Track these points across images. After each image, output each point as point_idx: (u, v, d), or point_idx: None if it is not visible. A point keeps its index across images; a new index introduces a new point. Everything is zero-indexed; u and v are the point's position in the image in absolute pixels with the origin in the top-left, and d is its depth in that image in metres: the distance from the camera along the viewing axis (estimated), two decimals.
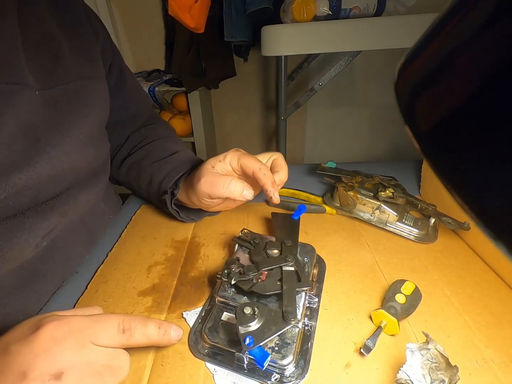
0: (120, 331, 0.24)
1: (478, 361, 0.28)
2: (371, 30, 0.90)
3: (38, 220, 0.34)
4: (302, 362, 0.29)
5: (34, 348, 0.22)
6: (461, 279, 0.37)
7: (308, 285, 0.31)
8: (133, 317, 0.26)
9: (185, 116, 1.56)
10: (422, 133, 0.12)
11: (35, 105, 0.32)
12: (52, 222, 0.36)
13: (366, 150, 1.80)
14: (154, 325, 0.26)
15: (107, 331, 0.24)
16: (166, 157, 0.49)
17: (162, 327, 0.26)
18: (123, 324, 0.25)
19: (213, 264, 0.41)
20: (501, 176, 0.09)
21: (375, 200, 0.45)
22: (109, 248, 0.45)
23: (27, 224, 0.33)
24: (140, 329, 0.25)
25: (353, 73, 1.59)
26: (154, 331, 0.26)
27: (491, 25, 0.09)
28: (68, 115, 0.37)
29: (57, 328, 0.23)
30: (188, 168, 0.46)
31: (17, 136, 0.31)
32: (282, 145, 1.23)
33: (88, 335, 0.23)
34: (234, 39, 1.25)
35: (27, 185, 0.32)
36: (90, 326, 0.24)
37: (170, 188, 0.45)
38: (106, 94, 0.44)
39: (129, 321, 0.25)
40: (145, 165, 0.50)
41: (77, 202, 0.40)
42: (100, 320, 0.25)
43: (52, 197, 0.36)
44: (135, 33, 1.59)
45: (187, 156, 0.49)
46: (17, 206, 0.32)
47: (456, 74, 0.10)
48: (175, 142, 0.55)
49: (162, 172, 0.47)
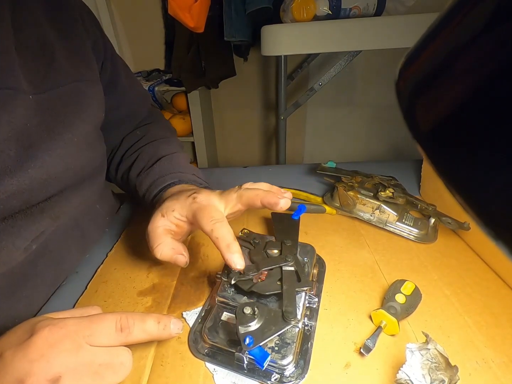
0: (118, 330, 0.24)
1: (478, 361, 0.28)
2: (371, 30, 0.90)
3: (27, 223, 0.33)
4: (302, 362, 0.29)
5: (30, 354, 0.21)
6: (461, 279, 0.37)
7: (308, 285, 0.31)
8: (131, 314, 0.25)
9: (184, 116, 1.56)
10: (423, 133, 0.12)
11: (29, 110, 0.32)
12: (41, 225, 0.35)
13: (366, 150, 1.80)
14: (153, 320, 0.26)
15: (104, 331, 0.24)
16: (148, 168, 0.46)
17: (161, 321, 0.26)
18: (120, 322, 0.24)
19: (213, 264, 0.41)
20: (502, 176, 0.09)
21: (375, 200, 0.45)
22: (109, 248, 0.45)
23: (15, 227, 0.32)
24: (139, 325, 0.25)
25: (353, 73, 1.59)
26: (153, 326, 0.25)
27: (492, 23, 0.09)
28: (63, 119, 0.36)
29: (52, 332, 0.22)
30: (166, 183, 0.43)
31: (10, 142, 0.30)
32: (282, 145, 1.23)
33: (85, 336, 0.23)
34: (234, 38, 1.25)
35: (19, 190, 0.31)
36: (86, 327, 0.24)
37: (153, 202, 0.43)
38: (101, 95, 0.43)
39: (127, 319, 0.25)
40: (132, 177, 0.48)
41: (70, 204, 0.39)
42: (96, 320, 0.24)
43: (43, 200, 0.35)
44: (135, 33, 1.58)
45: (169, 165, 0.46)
46: (8, 210, 0.31)
47: (458, 73, 0.10)
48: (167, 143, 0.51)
49: (143, 186, 0.45)
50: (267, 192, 0.33)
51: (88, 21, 0.43)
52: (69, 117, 0.37)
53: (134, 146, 0.51)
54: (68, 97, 0.37)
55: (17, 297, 0.34)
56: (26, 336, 0.22)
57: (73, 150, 0.37)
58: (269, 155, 1.92)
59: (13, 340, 0.22)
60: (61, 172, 0.36)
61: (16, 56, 0.31)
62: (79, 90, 0.39)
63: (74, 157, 0.38)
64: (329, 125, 1.76)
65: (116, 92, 0.50)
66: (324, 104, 1.68)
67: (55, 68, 0.36)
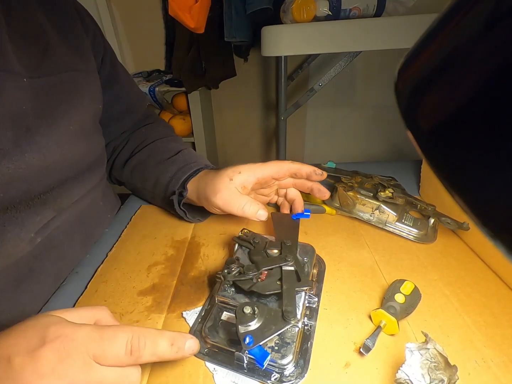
0: (127, 353, 0.22)
1: (477, 361, 0.28)
2: (371, 30, 0.90)
3: (30, 214, 0.34)
4: (301, 361, 0.29)
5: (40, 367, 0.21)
6: (461, 279, 0.37)
7: (307, 284, 0.31)
8: (143, 333, 0.23)
9: (185, 116, 1.56)
10: (422, 133, 0.12)
11: (24, 93, 0.32)
12: (44, 217, 0.36)
13: (365, 150, 1.80)
14: (166, 342, 0.24)
15: (114, 352, 0.22)
16: (170, 157, 0.49)
17: (175, 343, 0.24)
18: (131, 343, 0.23)
19: (213, 264, 0.41)
20: (500, 176, 0.09)
21: (374, 200, 0.45)
22: (109, 248, 0.45)
23: (18, 218, 0.32)
24: (150, 349, 0.23)
25: (353, 73, 1.59)
26: (166, 349, 0.23)
27: (492, 24, 0.09)
28: (58, 106, 0.36)
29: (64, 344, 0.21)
30: (194, 169, 0.46)
31: (6, 124, 0.30)
32: (282, 145, 1.23)
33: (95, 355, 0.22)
34: (234, 39, 1.25)
35: (16, 175, 0.31)
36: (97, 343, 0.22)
37: (178, 189, 0.45)
38: (98, 87, 0.44)
39: (138, 339, 0.23)
40: (150, 166, 0.50)
41: (71, 196, 0.40)
42: (107, 337, 0.23)
43: (44, 191, 0.36)
44: (135, 33, 1.58)
45: (191, 156, 0.50)
46: (8, 199, 0.32)
47: (456, 74, 0.10)
48: (176, 141, 0.55)
49: (167, 173, 0.47)
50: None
51: (86, 18, 0.45)
52: (65, 104, 0.37)
53: (144, 142, 0.53)
54: (64, 85, 0.37)
55: (22, 290, 0.35)
56: (37, 342, 0.21)
57: (69, 138, 0.38)
58: (269, 155, 1.92)
59: (23, 344, 0.22)
60: (59, 161, 0.37)
61: (8, 40, 0.31)
62: (75, 79, 0.39)
63: (71, 146, 0.38)
64: (329, 125, 1.76)
65: (116, 87, 0.51)
66: (324, 104, 1.68)
67: (50, 56, 0.36)
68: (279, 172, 0.41)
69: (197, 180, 0.44)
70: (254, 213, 0.38)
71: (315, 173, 0.41)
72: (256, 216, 0.38)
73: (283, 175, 0.42)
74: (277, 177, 0.41)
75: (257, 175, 0.40)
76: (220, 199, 0.39)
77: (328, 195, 0.43)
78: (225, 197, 0.39)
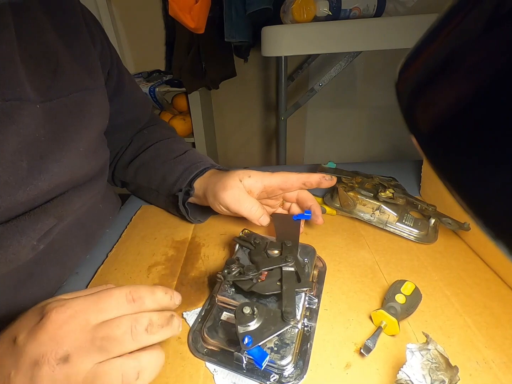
0: (129, 301, 0.24)
1: (478, 362, 0.28)
2: (371, 30, 0.90)
3: (31, 222, 0.34)
4: (301, 362, 0.29)
5: (39, 337, 0.22)
6: (461, 280, 0.37)
7: (307, 285, 0.31)
8: (137, 286, 0.25)
9: (185, 116, 1.56)
10: (423, 133, 0.12)
11: (37, 119, 0.32)
12: (45, 224, 0.35)
13: (366, 151, 1.80)
14: (161, 291, 0.26)
15: (113, 304, 0.24)
16: (177, 157, 0.49)
17: (168, 292, 0.26)
18: (131, 295, 0.24)
19: (213, 264, 0.41)
20: (501, 176, 0.09)
21: (375, 200, 0.45)
22: (109, 248, 0.45)
23: (19, 226, 0.33)
24: (149, 295, 0.25)
25: (353, 73, 1.59)
26: (163, 296, 0.26)
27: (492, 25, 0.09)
28: (68, 128, 0.36)
29: (60, 313, 0.23)
30: (201, 168, 0.47)
31: (21, 153, 0.31)
32: (282, 146, 1.23)
33: (95, 313, 0.23)
34: (234, 39, 1.25)
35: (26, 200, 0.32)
36: (94, 304, 0.24)
37: (185, 187, 0.45)
38: (106, 103, 0.44)
39: (137, 291, 0.25)
40: (156, 166, 0.50)
41: (72, 205, 0.40)
42: (103, 296, 0.24)
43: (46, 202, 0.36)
44: (135, 34, 1.59)
45: (197, 156, 0.50)
46: (12, 214, 0.32)
47: (457, 74, 0.10)
48: (181, 142, 0.55)
49: (175, 172, 0.47)
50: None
51: (94, 29, 0.44)
52: (75, 126, 0.37)
53: (147, 143, 0.53)
54: (73, 106, 0.37)
55: (23, 294, 0.35)
56: (37, 318, 0.23)
57: (78, 159, 0.38)
58: (269, 155, 1.92)
59: (25, 323, 0.23)
60: (66, 181, 0.37)
61: (21, 65, 0.31)
62: (85, 98, 0.39)
63: (79, 166, 0.39)
64: (329, 125, 1.76)
65: (121, 98, 0.51)
66: (324, 104, 1.68)
67: (60, 76, 0.36)
68: (286, 183, 0.41)
69: (204, 178, 0.45)
70: (258, 216, 0.39)
71: (324, 179, 0.41)
72: (259, 221, 0.39)
73: (291, 186, 0.41)
74: (284, 187, 0.41)
75: (264, 182, 0.40)
76: (229, 196, 0.39)
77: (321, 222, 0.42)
78: (234, 195, 0.39)
